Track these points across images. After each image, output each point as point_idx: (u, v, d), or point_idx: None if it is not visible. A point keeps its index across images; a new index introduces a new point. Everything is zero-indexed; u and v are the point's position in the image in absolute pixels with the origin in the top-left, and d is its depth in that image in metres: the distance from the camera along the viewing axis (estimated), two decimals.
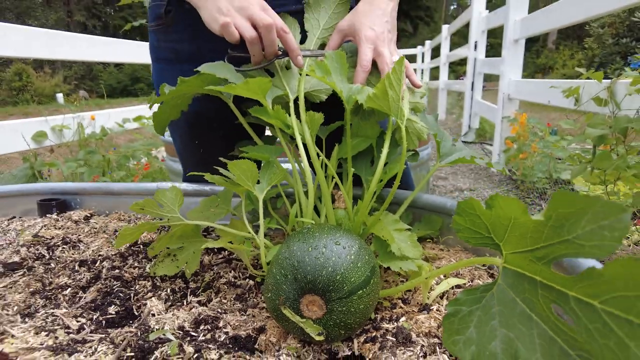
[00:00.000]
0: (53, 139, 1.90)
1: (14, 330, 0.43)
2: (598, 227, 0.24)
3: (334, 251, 0.37)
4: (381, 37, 0.56)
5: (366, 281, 0.38)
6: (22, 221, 0.79)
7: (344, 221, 0.49)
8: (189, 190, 0.73)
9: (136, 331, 0.42)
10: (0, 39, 1.50)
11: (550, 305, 0.27)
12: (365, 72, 0.54)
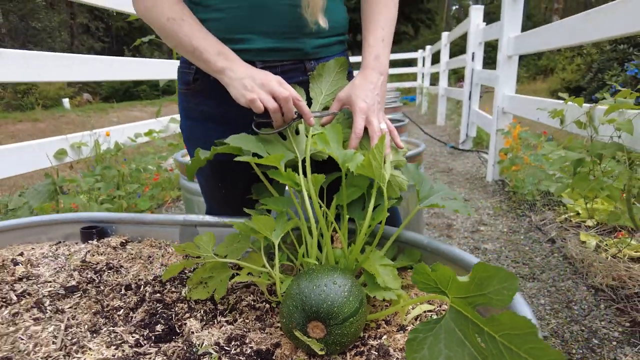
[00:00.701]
0: (72, 155, 2.04)
1: (90, 344, 0.56)
2: (501, 287, 0.38)
3: (332, 289, 0.51)
4: (372, 108, 0.69)
5: (356, 311, 0.51)
6: (67, 246, 0.92)
7: (341, 259, 0.62)
8: (212, 222, 0.86)
9: (182, 345, 0.56)
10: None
11: (475, 335, 0.40)
12: (358, 138, 0.67)
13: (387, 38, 0.75)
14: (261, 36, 0.71)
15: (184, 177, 1.67)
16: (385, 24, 0.75)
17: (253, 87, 0.63)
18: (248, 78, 0.64)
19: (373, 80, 0.72)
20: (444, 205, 0.71)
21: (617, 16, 1.49)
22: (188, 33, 0.67)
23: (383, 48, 0.74)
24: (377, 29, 0.74)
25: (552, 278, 1.70)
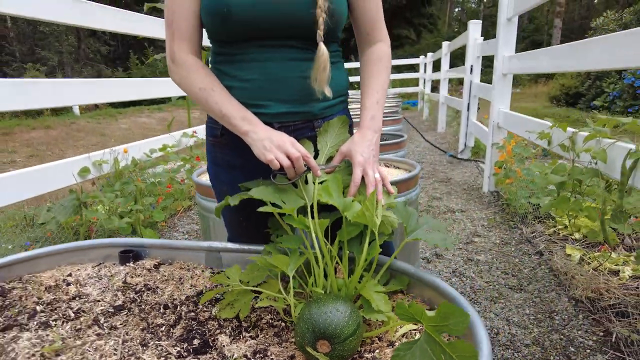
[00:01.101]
0: (94, 172, 2.20)
1: (144, 355, 0.71)
2: (458, 321, 0.53)
3: (335, 315, 0.66)
4: (368, 161, 0.84)
5: (354, 332, 0.66)
6: (107, 268, 1.07)
7: (342, 287, 0.77)
8: (233, 248, 1.01)
9: (217, 357, 0.70)
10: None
11: (441, 354, 0.55)
12: (356, 187, 0.82)
13: (380, 100, 0.90)
14: (278, 102, 0.86)
15: (200, 196, 1.82)
16: (379, 89, 0.90)
17: (271, 148, 0.78)
18: (267, 140, 0.79)
19: (369, 138, 0.87)
20: (426, 239, 0.85)
21: (594, 52, 1.63)
22: (218, 101, 0.82)
23: (377, 110, 0.89)
24: (372, 93, 0.89)
25: (537, 289, 1.84)
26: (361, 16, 0.92)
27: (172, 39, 0.85)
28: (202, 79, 0.84)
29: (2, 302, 0.91)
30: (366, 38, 0.94)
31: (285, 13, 0.80)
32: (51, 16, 1.86)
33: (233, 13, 0.79)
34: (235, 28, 0.81)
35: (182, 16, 0.84)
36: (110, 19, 2.26)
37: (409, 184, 1.71)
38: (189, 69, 0.85)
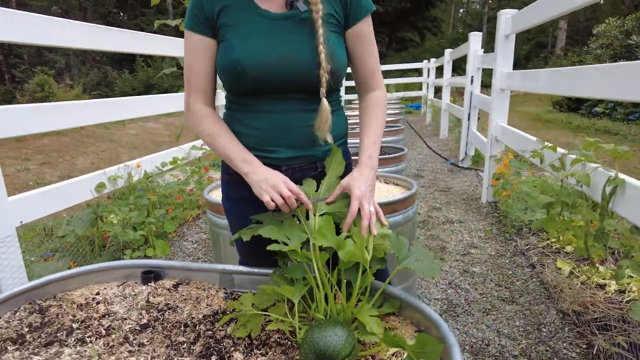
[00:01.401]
0: (109, 187, 2.33)
1: None
2: (433, 349, 0.64)
3: (334, 339, 0.77)
4: (365, 195, 0.95)
5: (350, 353, 0.78)
6: (131, 287, 1.19)
7: (341, 312, 0.89)
8: (244, 271, 1.13)
9: None
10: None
11: None
12: (352, 218, 0.93)
13: (377, 141, 1.01)
14: (285, 148, 0.98)
15: (211, 212, 1.94)
16: (376, 130, 1.02)
17: (267, 189, 0.90)
18: (264, 181, 0.90)
19: (366, 174, 0.98)
20: (415, 268, 0.96)
21: (580, 81, 1.73)
22: (224, 145, 0.95)
23: (374, 150, 1.00)
24: (370, 135, 1.01)
25: (528, 302, 1.95)
26: (360, 69, 1.04)
27: (188, 92, 0.99)
28: (210, 126, 0.97)
29: (42, 320, 1.04)
30: (364, 86, 1.06)
31: (292, 73, 0.92)
32: (81, 44, 2.00)
33: (247, 72, 0.91)
34: (248, 84, 0.93)
35: (198, 73, 0.97)
36: (126, 39, 2.39)
37: (406, 202, 1.82)
38: (201, 117, 0.98)
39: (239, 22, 0.92)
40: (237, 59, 0.91)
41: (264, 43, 0.91)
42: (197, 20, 0.94)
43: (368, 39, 1.02)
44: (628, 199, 1.38)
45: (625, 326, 1.58)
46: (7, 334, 0.99)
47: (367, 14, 1.00)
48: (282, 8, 0.93)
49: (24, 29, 1.75)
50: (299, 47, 0.91)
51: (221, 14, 0.93)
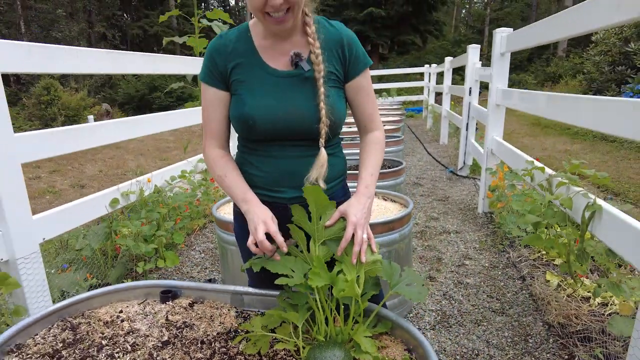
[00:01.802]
0: (122, 202, 2.46)
1: None
2: None
3: (334, 357, 0.90)
4: (359, 222, 1.07)
5: None
6: (150, 305, 1.32)
7: (339, 334, 1.02)
8: (253, 292, 1.26)
9: None
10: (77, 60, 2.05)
11: None
12: (346, 242, 1.04)
13: (374, 172, 1.14)
14: (291, 189, 1.10)
15: (219, 229, 2.07)
16: (373, 164, 1.14)
17: (250, 226, 1.02)
18: (250, 221, 1.03)
19: (362, 202, 1.09)
20: (405, 293, 1.09)
21: (574, 111, 1.85)
22: (230, 185, 1.08)
23: (371, 180, 1.12)
24: (368, 168, 1.13)
25: (517, 313, 2.07)
26: (360, 115, 1.16)
27: (205, 136, 1.13)
28: (220, 168, 1.11)
29: (74, 336, 1.17)
30: (364, 129, 1.18)
31: (297, 126, 1.04)
32: (94, 70, 2.14)
33: (257, 124, 1.04)
34: (258, 134, 1.06)
35: (213, 122, 1.10)
36: (138, 61, 2.52)
37: (402, 221, 1.95)
38: (213, 160, 1.12)
39: (250, 79, 1.05)
40: (248, 113, 1.03)
41: (272, 99, 1.03)
42: (212, 75, 1.07)
43: (366, 90, 1.14)
44: (604, 224, 1.50)
45: (605, 338, 1.70)
46: (44, 349, 1.12)
47: (364, 68, 1.12)
48: (288, 66, 1.05)
49: (58, 62, 1.90)
50: (302, 104, 1.04)
51: (234, 71, 1.05)
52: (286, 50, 1.06)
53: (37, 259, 1.85)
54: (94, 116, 10.04)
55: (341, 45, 1.07)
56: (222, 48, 1.06)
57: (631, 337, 1.21)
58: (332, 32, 1.08)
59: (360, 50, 1.11)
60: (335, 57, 1.07)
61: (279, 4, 0.93)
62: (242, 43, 1.06)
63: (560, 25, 1.99)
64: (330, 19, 1.14)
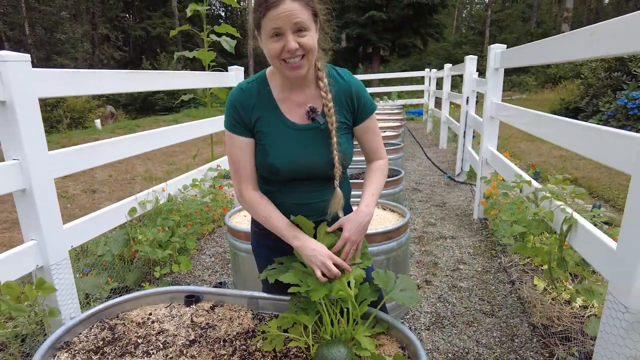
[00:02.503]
0: (140, 210, 2.65)
1: None
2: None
3: (337, 355, 1.08)
4: (351, 238, 1.21)
5: None
6: (176, 308, 1.50)
7: (343, 333, 1.20)
8: (267, 297, 1.44)
9: None
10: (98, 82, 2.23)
11: None
12: (335, 250, 1.20)
13: (375, 194, 1.29)
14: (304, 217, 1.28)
15: (231, 237, 2.25)
16: (376, 186, 1.29)
17: (319, 264, 1.16)
18: (314, 257, 1.17)
19: (360, 219, 1.23)
20: (398, 298, 1.26)
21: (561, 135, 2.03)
22: (277, 225, 1.22)
23: (372, 200, 1.27)
24: (371, 190, 1.28)
25: (506, 315, 2.25)
26: (367, 148, 1.32)
27: (239, 181, 1.25)
28: (263, 209, 1.24)
29: (112, 335, 1.35)
30: (370, 158, 1.35)
31: (314, 171, 1.22)
32: (117, 89, 2.33)
33: (279, 171, 1.20)
34: (280, 177, 1.23)
35: (245, 166, 1.23)
36: (155, 78, 2.70)
37: (400, 230, 2.13)
38: (254, 203, 1.25)
39: (272, 131, 1.20)
40: (271, 162, 1.20)
41: (293, 150, 1.19)
42: (238, 125, 1.20)
43: (372, 130, 1.30)
44: (579, 236, 1.67)
45: (583, 338, 1.87)
46: (88, 346, 1.30)
47: (371, 114, 1.27)
48: (304, 119, 1.21)
49: (85, 84, 2.09)
50: (318, 154, 1.20)
51: (257, 123, 1.20)
52: (302, 101, 1.21)
53: (67, 264, 2.03)
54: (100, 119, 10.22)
55: (350, 96, 1.22)
56: (245, 102, 1.19)
57: (597, 337, 1.38)
58: (342, 84, 1.22)
59: (367, 98, 1.26)
60: (345, 108, 1.22)
61: (294, 48, 1.06)
62: (262, 96, 1.20)
63: (545, 52, 2.16)
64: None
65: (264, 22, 1.06)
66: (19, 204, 1.86)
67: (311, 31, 1.09)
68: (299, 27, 1.06)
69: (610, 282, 1.31)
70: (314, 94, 1.21)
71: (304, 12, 1.05)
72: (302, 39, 1.07)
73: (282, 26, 1.04)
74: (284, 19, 1.03)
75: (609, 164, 1.41)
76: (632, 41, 1.30)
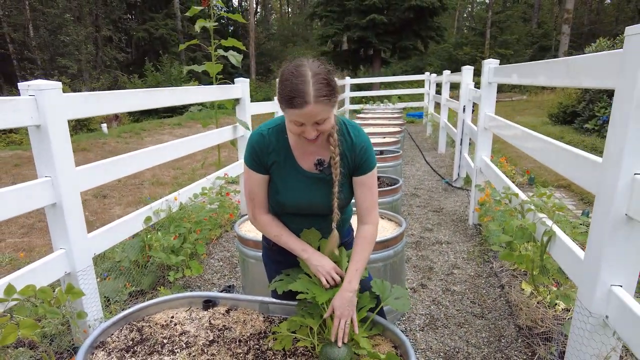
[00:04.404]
0: (154, 219, 2.83)
1: None
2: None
3: (339, 353, 1.26)
4: (343, 314, 1.31)
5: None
6: (195, 312, 1.68)
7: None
8: (277, 302, 1.62)
9: None
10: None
11: None
12: (335, 330, 1.31)
13: (360, 269, 1.40)
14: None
15: (240, 244, 2.43)
16: (360, 260, 1.40)
17: (324, 273, 1.35)
18: (320, 267, 1.36)
19: (346, 297, 1.35)
20: (392, 304, 1.44)
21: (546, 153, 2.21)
22: (287, 241, 1.41)
23: (355, 276, 1.38)
24: (354, 264, 1.39)
25: (495, 317, 2.43)
26: (359, 205, 1.44)
27: (253, 207, 1.44)
28: (274, 228, 1.44)
29: (141, 336, 1.53)
30: (361, 218, 1.46)
31: (316, 210, 1.40)
32: (134, 107, 2.52)
33: (286, 207, 1.40)
34: (286, 211, 1.42)
35: (260, 196, 1.42)
36: (168, 96, 2.89)
37: (396, 239, 2.31)
38: (266, 224, 1.45)
39: (284, 174, 1.37)
40: (280, 200, 1.39)
41: (300, 192, 1.38)
42: (256, 164, 1.37)
43: (368, 186, 1.39)
44: (557, 247, 1.85)
45: (562, 338, 2.05)
46: (120, 345, 1.48)
47: (369, 171, 1.37)
48: (312, 168, 1.37)
49: (106, 105, 2.28)
50: (321, 198, 1.38)
51: (273, 166, 1.37)
52: (313, 151, 1.36)
53: (91, 271, 2.22)
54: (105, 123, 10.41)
55: (355, 153, 1.35)
56: (264, 148, 1.34)
57: (568, 337, 1.56)
58: (349, 143, 1.33)
59: (371, 155, 1.36)
60: (349, 161, 1.36)
61: (313, 138, 1.20)
62: (280, 144, 1.34)
63: (532, 74, 2.34)
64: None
65: (287, 111, 1.17)
66: (49, 216, 2.05)
67: (330, 118, 1.20)
68: (319, 121, 1.17)
69: (579, 289, 1.49)
70: (325, 145, 1.35)
71: (325, 110, 1.15)
72: (321, 126, 1.19)
73: (304, 121, 1.16)
74: (306, 118, 1.15)
75: (578, 183, 1.59)
76: (599, 78, 1.48)
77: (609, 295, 1.34)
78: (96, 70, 24.33)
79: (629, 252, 1.30)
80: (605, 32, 24.17)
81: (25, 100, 1.82)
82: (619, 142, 1.26)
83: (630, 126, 1.21)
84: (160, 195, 5.06)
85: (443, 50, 26.68)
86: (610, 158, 1.30)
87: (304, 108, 1.13)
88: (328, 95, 1.15)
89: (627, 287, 1.33)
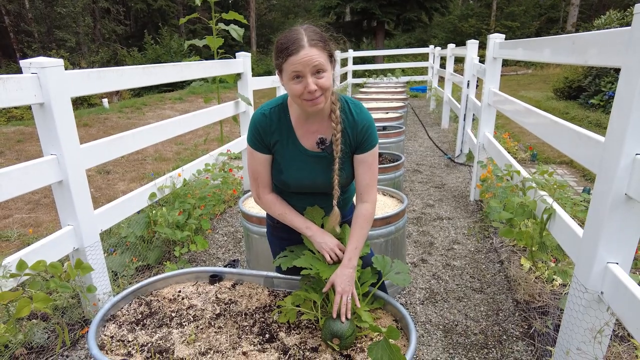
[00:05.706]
0: (159, 195, 2.87)
1: (242, 343, 1.37)
2: (394, 333, 1.18)
3: (342, 325, 1.31)
4: (344, 290, 1.34)
5: (352, 333, 1.31)
6: (202, 287, 1.73)
7: None
8: (281, 277, 1.66)
9: (280, 344, 1.36)
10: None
11: (388, 347, 1.20)
12: (337, 306, 1.34)
13: (359, 246, 1.43)
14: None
15: (245, 220, 2.47)
16: (358, 238, 1.42)
17: (328, 249, 1.38)
18: (324, 243, 1.39)
19: (346, 273, 1.38)
20: (393, 279, 1.48)
21: (542, 128, 2.20)
22: (291, 219, 1.44)
23: (354, 253, 1.41)
24: (353, 241, 1.42)
25: (493, 292, 2.48)
26: (359, 183, 1.45)
27: (257, 187, 1.46)
28: (278, 207, 1.46)
29: (149, 310, 1.59)
30: (360, 196, 1.48)
31: (318, 188, 1.41)
32: (135, 84, 2.51)
33: (290, 185, 1.41)
34: (290, 189, 1.44)
35: (263, 176, 1.44)
36: (169, 72, 2.87)
37: (398, 216, 2.34)
38: (271, 203, 1.47)
39: (287, 153, 1.39)
40: (284, 179, 1.41)
41: (302, 171, 1.39)
42: (259, 144, 1.39)
43: (369, 164, 1.40)
44: (557, 224, 1.88)
45: (559, 312, 2.11)
46: (131, 319, 1.54)
47: (371, 149, 1.38)
48: (314, 146, 1.38)
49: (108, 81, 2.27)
50: (322, 175, 1.39)
51: (275, 145, 1.38)
52: (315, 130, 1.37)
53: (98, 246, 2.27)
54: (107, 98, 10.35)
55: (357, 130, 1.36)
56: (266, 127, 1.36)
57: (564, 311, 1.61)
58: (351, 121, 1.34)
59: (373, 134, 1.37)
60: (351, 139, 1.37)
61: (314, 89, 1.20)
62: (282, 123, 1.36)
63: (537, 49, 2.31)
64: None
65: (285, 66, 1.20)
66: (56, 193, 2.08)
67: (328, 72, 1.22)
68: (317, 69, 1.19)
69: (576, 265, 1.53)
70: (326, 123, 1.37)
71: (321, 56, 1.19)
72: (320, 80, 1.20)
73: (302, 70, 1.18)
74: (304, 63, 1.17)
75: (579, 161, 1.60)
76: (606, 56, 1.47)
77: (605, 272, 1.37)
78: (95, 43, 23.96)
79: (627, 230, 1.33)
80: (616, 3, 23.53)
81: (28, 78, 1.81)
82: (622, 122, 1.26)
83: (635, 106, 1.21)
84: (163, 170, 5.09)
85: (448, 22, 26.10)
86: (613, 138, 1.31)
87: (299, 52, 1.17)
88: (321, 40, 1.21)
89: (623, 264, 1.36)
